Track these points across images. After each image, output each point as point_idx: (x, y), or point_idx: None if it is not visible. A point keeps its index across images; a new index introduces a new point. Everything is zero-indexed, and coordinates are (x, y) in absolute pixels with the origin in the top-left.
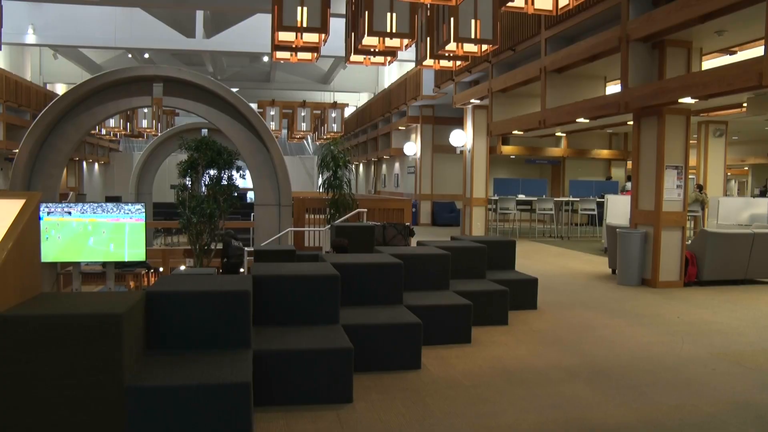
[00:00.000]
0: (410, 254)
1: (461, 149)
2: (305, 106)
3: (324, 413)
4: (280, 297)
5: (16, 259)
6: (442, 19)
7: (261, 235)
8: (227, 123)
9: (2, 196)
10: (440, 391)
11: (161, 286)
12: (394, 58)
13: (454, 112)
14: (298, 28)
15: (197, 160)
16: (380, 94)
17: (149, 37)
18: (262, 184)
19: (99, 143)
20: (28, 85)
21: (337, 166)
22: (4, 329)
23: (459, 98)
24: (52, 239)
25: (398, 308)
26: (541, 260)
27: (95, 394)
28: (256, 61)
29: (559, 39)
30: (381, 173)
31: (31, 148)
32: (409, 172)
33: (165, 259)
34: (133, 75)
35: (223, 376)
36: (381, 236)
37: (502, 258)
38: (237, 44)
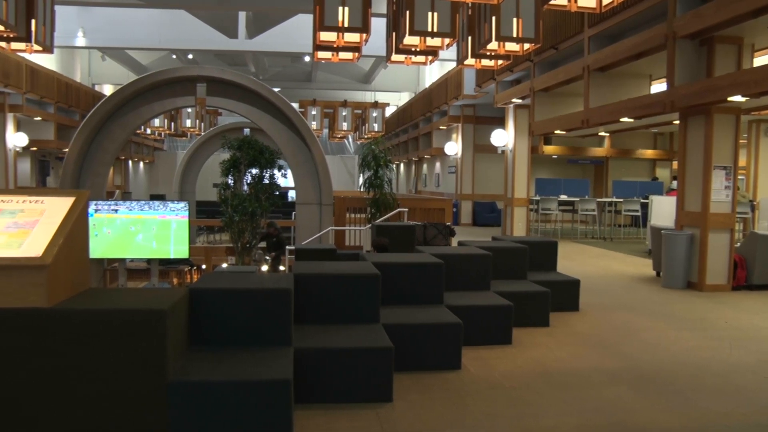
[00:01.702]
0: (451, 254)
1: (502, 149)
2: (346, 105)
3: (363, 412)
4: (321, 295)
5: (66, 256)
6: (484, 18)
7: (302, 234)
8: (269, 122)
9: (53, 194)
10: (480, 392)
11: (204, 283)
12: (435, 57)
13: (496, 112)
14: (340, 28)
15: (239, 159)
16: (421, 94)
17: (193, 38)
18: (304, 183)
19: (144, 142)
20: (78, 87)
21: (378, 165)
22: (55, 323)
23: (500, 98)
24: (101, 236)
25: (439, 308)
26: (584, 261)
27: (139, 387)
28: (298, 61)
29: (602, 37)
30: (422, 173)
31: (80, 148)
32: (449, 171)
33: (207, 257)
34: (177, 75)
35: (265, 372)
36: (422, 236)
37: (543, 259)
38: (279, 44)
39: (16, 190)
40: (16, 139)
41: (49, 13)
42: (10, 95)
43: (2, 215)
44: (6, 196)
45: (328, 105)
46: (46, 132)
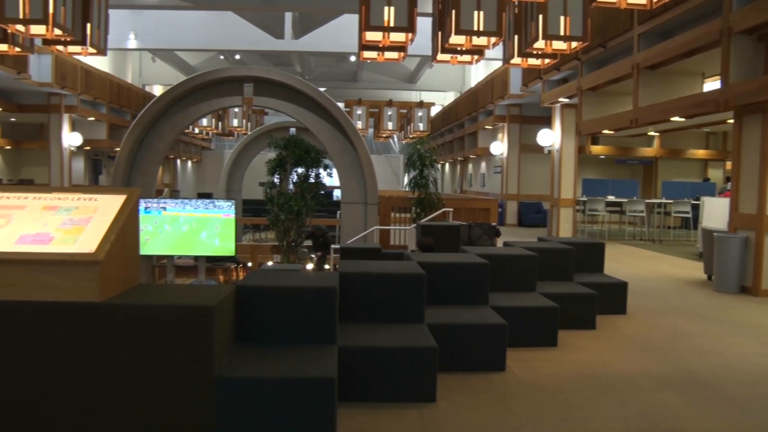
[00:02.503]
0: (496, 255)
1: (549, 149)
2: (392, 105)
3: (407, 411)
4: (366, 294)
5: (117, 252)
6: (531, 16)
7: (347, 233)
8: (315, 122)
9: (106, 192)
10: (525, 394)
11: (251, 280)
12: (481, 56)
13: (542, 111)
14: (385, 28)
15: (285, 158)
16: (466, 93)
17: (240, 38)
18: (349, 183)
19: (192, 142)
20: (129, 87)
21: (424, 165)
22: (106, 317)
23: (547, 97)
24: (149, 233)
25: (483, 309)
26: (631, 264)
27: (187, 382)
28: (343, 60)
29: (653, 34)
30: (467, 173)
31: (131, 147)
32: (495, 171)
33: (253, 255)
34: (224, 76)
35: (309, 370)
36: (466, 236)
37: (590, 260)
38: (324, 44)
39: (71, 188)
40: (71, 139)
41: (103, 17)
42: (66, 96)
43: (58, 212)
44: (62, 193)
45: (374, 104)
46: (99, 132)
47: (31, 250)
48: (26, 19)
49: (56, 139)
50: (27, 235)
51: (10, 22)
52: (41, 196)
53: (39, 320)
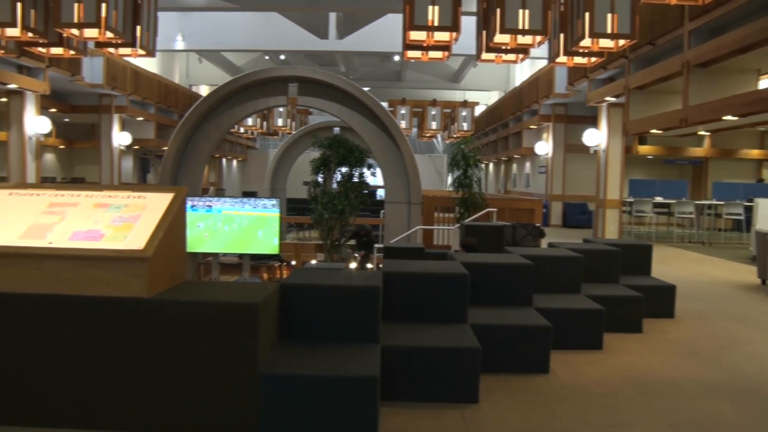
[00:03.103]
0: (541, 255)
1: (595, 149)
2: (435, 104)
3: (449, 411)
4: (409, 294)
5: (165, 249)
6: (577, 14)
7: (390, 233)
8: (359, 121)
9: (154, 190)
10: (569, 397)
11: (295, 278)
12: (526, 55)
13: (588, 111)
14: (430, 27)
15: (329, 158)
16: (511, 93)
17: (285, 39)
18: (393, 182)
19: (237, 141)
20: (176, 88)
21: (468, 164)
22: (154, 312)
23: (593, 96)
24: (196, 231)
25: (527, 310)
26: (680, 266)
27: (232, 378)
28: (387, 60)
29: (704, 30)
30: (511, 172)
31: (178, 146)
32: (540, 171)
33: (297, 253)
34: (269, 76)
35: (352, 368)
36: (510, 236)
37: (637, 263)
38: (368, 44)
39: (121, 186)
40: (120, 138)
41: (152, 19)
42: (116, 97)
43: (109, 210)
44: (112, 191)
45: (418, 104)
46: (147, 131)
47: (84, 246)
48: (80, 23)
49: (107, 139)
50: (79, 231)
51: (66, 27)
52: (93, 194)
53: (90, 314)
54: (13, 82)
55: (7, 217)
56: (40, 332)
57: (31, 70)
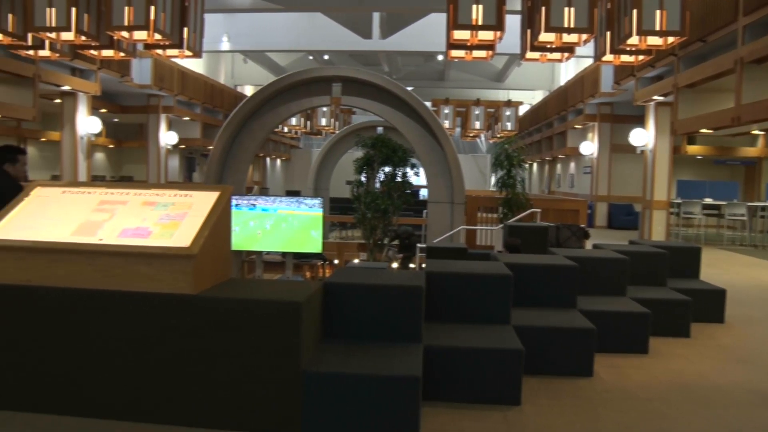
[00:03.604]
0: (585, 257)
1: (642, 149)
2: (479, 104)
3: (490, 413)
4: (452, 294)
5: (211, 246)
6: (624, 11)
7: (433, 232)
8: (402, 121)
9: (200, 189)
10: (613, 401)
11: (338, 277)
12: (571, 54)
13: (635, 110)
14: (474, 26)
15: (373, 157)
16: (555, 92)
17: (329, 39)
18: (436, 182)
19: (281, 140)
20: (222, 88)
21: (511, 164)
22: (200, 309)
23: (640, 95)
24: (241, 229)
25: (571, 312)
26: (731, 270)
27: (275, 375)
28: (431, 60)
29: (760, 25)
30: (555, 173)
31: (224, 146)
32: (584, 172)
33: (340, 252)
34: (313, 76)
35: (394, 368)
36: (554, 237)
37: (685, 266)
38: (412, 44)
39: (168, 185)
40: (167, 138)
41: (199, 21)
42: (163, 98)
43: (156, 208)
44: (160, 190)
45: (461, 104)
46: (193, 131)
47: (132, 243)
48: (130, 26)
49: (154, 138)
50: (128, 228)
51: (116, 30)
52: (141, 192)
53: (138, 309)
54: (66, 84)
55: (60, 214)
56: (90, 326)
57: (84, 72)
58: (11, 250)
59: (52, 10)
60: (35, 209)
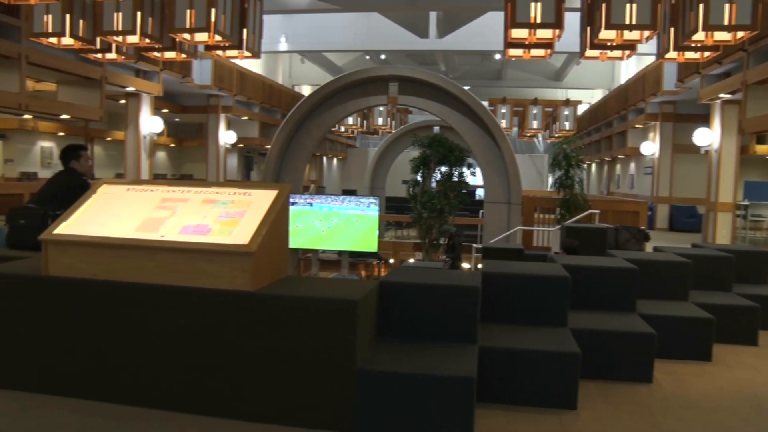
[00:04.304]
0: (645, 260)
1: (706, 149)
2: (536, 103)
3: (546, 416)
4: (508, 295)
5: (269, 244)
6: (690, 6)
7: (489, 233)
8: (459, 120)
9: (258, 187)
10: (673, 409)
11: (394, 276)
12: (632, 51)
13: (699, 109)
14: (532, 25)
15: (429, 157)
16: (616, 91)
17: (385, 39)
18: (493, 182)
19: (338, 140)
20: (280, 88)
21: (569, 165)
22: (257, 305)
23: (705, 93)
24: (297, 228)
25: (630, 316)
26: None
27: (329, 372)
28: (488, 59)
29: None
30: (615, 173)
31: (281, 145)
32: (645, 172)
33: (395, 252)
34: (370, 75)
35: (449, 368)
36: (613, 239)
37: (752, 270)
38: (469, 43)
39: (227, 183)
40: (226, 137)
41: (258, 22)
42: (223, 98)
43: (216, 205)
44: (219, 188)
45: (518, 103)
46: (251, 130)
47: (193, 240)
48: (192, 28)
49: (214, 138)
50: (189, 225)
51: (179, 32)
52: (201, 190)
53: (198, 305)
54: (131, 85)
55: (124, 211)
56: (151, 320)
57: (147, 73)
58: (79, 245)
59: (119, 15)
60: (101, 206)
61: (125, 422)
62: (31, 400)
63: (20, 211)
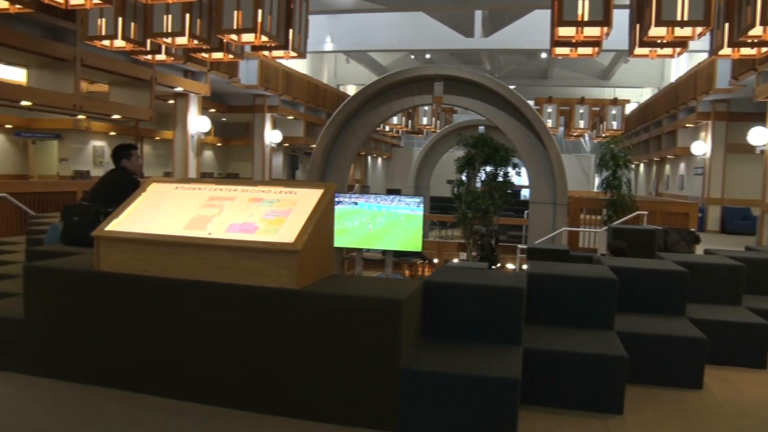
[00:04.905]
0: (696, 262)
1: (762, 148)
2: (583, 102)
3: (591, 421)
4: (554, 297)
5: (314, 243)
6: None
7: (534, 233)
8: (504, 120)
9: (304, 186)
10: (726, 418)
11: (438, 276)
12: (684, 48)
13: (754, 107)
14: (579, 23)
15: (474, 157)
16: (665, 89)
17: (430, 38)
18: (538, 182)
19: (382, 139)
20: (325, 88)
21: (617, 165)
22: (302, 304)
23: (762, 90)
24: (345, 227)
25: (679, 320)
26: None
27: (373, 371)
28: (534, 58)
29: None
30: (663, 174)
31: (326, 144)
32: (695, 173)
33: (439, 251)
34: (415, 75)
35: (494, 369)
36: (662, 241)
37: None
38: (515, 42)
39: (273, 182)
40: (272, 136)
41: (303, 22)
42: (268, 97)
43: (262, 204)
44: (265, 186)
45: (565, 102)
46: (297, 129)
47: (239, 238)
48: (239, 29)
49: (259, 137)
50: (235, 224)
51: (226, 33)
52: (248, 189)
53: (244, 302)
54: (179, 86)
55: (173, 208)
56: (198, 316)
57: (195, 74)
58: (129, 241)
59: (168, 17)
60: (151, 204)
61: (171, 416)
62: (83, 391)
63: (74, 209)
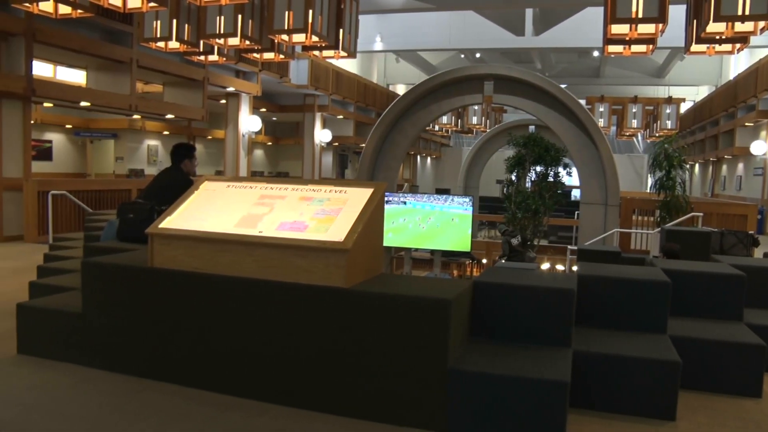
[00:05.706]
0: (754, 266)
1: None
2: (636, 101)
3: (642, 426)
4: (605, 299)
5: (363, 242)
6: None
7: (585, 234)
8: (555, 119)
9: (354, 185)
10: None
11: (487, 277)
12: (744, 44)
13: None
14: (633, 20)
15: (524, 156)
16: (723, 87)
17: (480, 37)
18: (589, 182)
19: (432, 138)
20: (374, 87)
21: (671, 165)
22: (351, 302)
23: None
24: (395, 226)
25: (736, 326)
26: None
27: (422, 370)
28: (585, 56)
29: None
30: (720, 175)
31: (376, 143)
32: (755, 173)
33: (488, 252)
34: (465, 74)
35: (542, 371)
36: (718, 244)
37: None
38: (566, 40)
39: (323, 181)
40: (322, 136)
41: (354, 22)
42: (318, 97)
43: (312, 203)
44: (316, 185)
45: (617, 101)
46: (346, 129)
47: (289, 236)
48: (290, 30)
49: (309, 136)
50: (286, 222)
51: (277, 33)
52: (298, 188)
53: (294, 300)
54: (231, 86)
55: (225, 207)
56: (248, 313)
57: (246, 74)
58: (183, 239)
59: (221, 18)
60: (203, 202)
61: (221, 410)
62: (136, 384)
63: (129, 206)
